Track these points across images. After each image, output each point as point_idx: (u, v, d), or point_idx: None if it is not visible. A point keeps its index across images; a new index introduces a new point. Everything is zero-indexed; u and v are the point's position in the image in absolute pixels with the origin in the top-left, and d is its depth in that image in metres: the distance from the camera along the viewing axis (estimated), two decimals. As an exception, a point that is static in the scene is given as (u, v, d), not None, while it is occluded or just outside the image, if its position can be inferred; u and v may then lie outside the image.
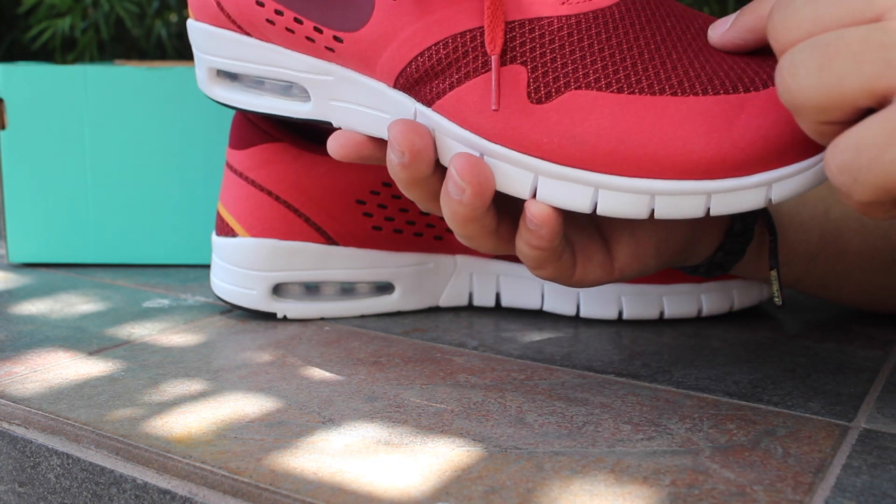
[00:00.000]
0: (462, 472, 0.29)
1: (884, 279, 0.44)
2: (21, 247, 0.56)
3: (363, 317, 0.47)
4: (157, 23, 0.95)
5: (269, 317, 0.46)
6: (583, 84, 0.32)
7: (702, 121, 0.31)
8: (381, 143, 0.38)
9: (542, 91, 0.32)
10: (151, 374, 0.38)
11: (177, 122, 0.55)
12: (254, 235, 0.45)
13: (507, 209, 0.36)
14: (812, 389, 0.37)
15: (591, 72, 0.32)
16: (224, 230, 0.46)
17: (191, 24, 0.41)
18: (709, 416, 0.34)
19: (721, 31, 0.33)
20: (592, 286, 0.37)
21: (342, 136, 0.38)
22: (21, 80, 0.54)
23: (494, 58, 0.32)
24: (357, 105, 0.37)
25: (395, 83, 0.35)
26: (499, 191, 0.34)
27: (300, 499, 0.28)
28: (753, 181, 0.31)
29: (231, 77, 0.41)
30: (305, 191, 0.45)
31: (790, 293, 0.53)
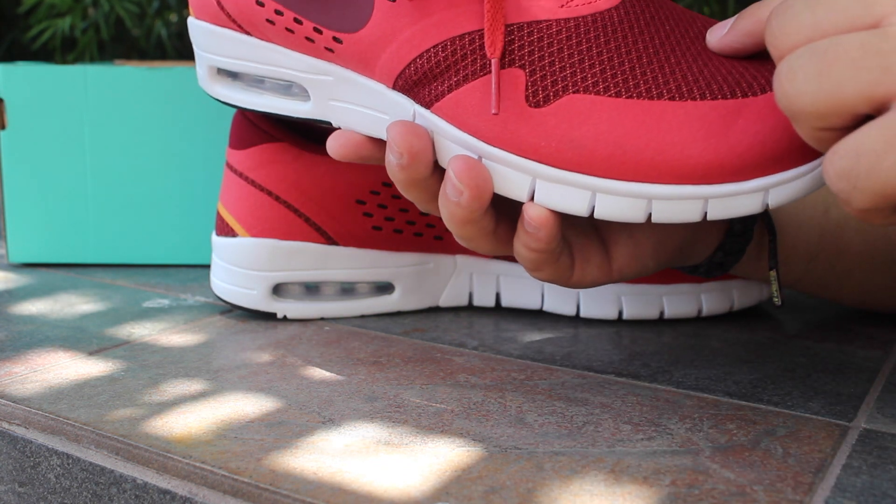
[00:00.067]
0: (462, 472, 0.29)
1: (884, 279, 0.44)
2: (21, 247, 0.56)
3: (363, 317, 0.47)
4: (158, 23, 0.95)
5: (269, 317, 0.46)
6: (581, 88, 0.32)
7: (699, 126, 0.31)
8: (381, 144, 0.38)
9: (541, 95, 0.32)
10: (151, 374, 0.38)
11: (177, 122, 0.55)
12: (254, 235, 0.45)
13: (506, 211, 0.36)
14: (812, 389, 0.37)
15: (590, 76, 0.32)
16: (224, 230, 0.46)
17: (191, 22, 0.41)
18: (709, 416, 0.34)
19: (719, 35, 0.33)
20: (591, 287, 0.37)
21: (341, 137, 0.38)
22: (21, 80, 0.54)
23: (494, 61, 0.32)
24: (356, 105, 0.37)
25: (394, 84, 0.35)
26: (497, 193, 0.34)
27: (300, 499, 0.28)
28: (750, 186, 0.31)
29: (231, 75, 0.41)
30: (305, 191, 0.45)
31: (790, 293, 0.53)
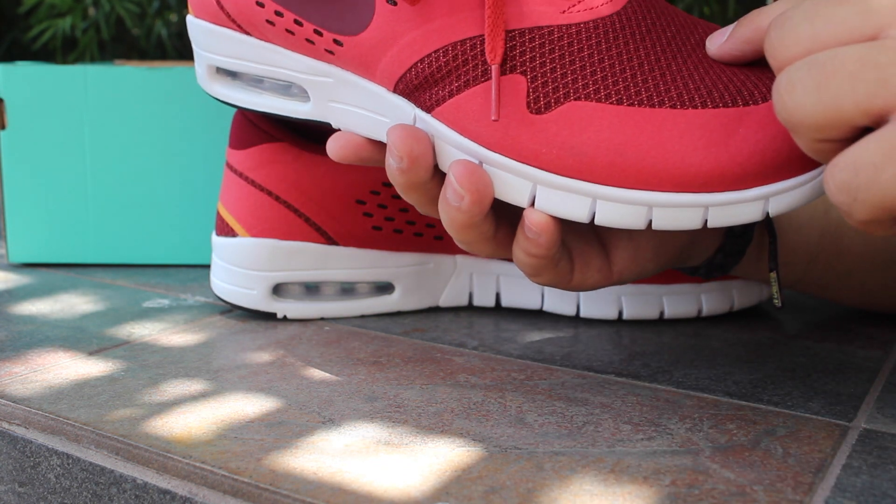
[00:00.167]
0: (462, 472, 0.29)
1: (884, 279, 0.44)
2: (21, 247, 0.56)
3: (363, 317, 0.47)
4: (158, 22, 0.95)
5: (269, 317, 0.46)
6: (582, 95, 0.32)
7: (700, 134, 0.31)
8: (381, 146, 0.38)
9: (542, 101, 0.32)
10: (151, 374, 0.38)
11: (177, 122, 0.55)
12: (254, 235, 0.45)
13: (506, 216, 0.36)
14: (812, 389, 0.37)
15: (591, 83, 0.32)
16: (224, 230, 0.46)
17: (190, 21, 0.41)
18: (709, 416, 0.34)
19: (719, 43, 0.32)
20: (591, 290, 0.37)
21: (341, 138, 0.38)
22: (21, 80, 0.54)
23: (495, 67, 0.32)
24: (356, 108, 0.37)
25: (395, 88, 0.35)
26: (497, 198, 0.34)
27: (300, 499, 0.28)
28: (751, 195, 0.31)
29: (231, 75, 0.41)
30: (305, 191, 0.45)
31: (790, 293, 0.53)
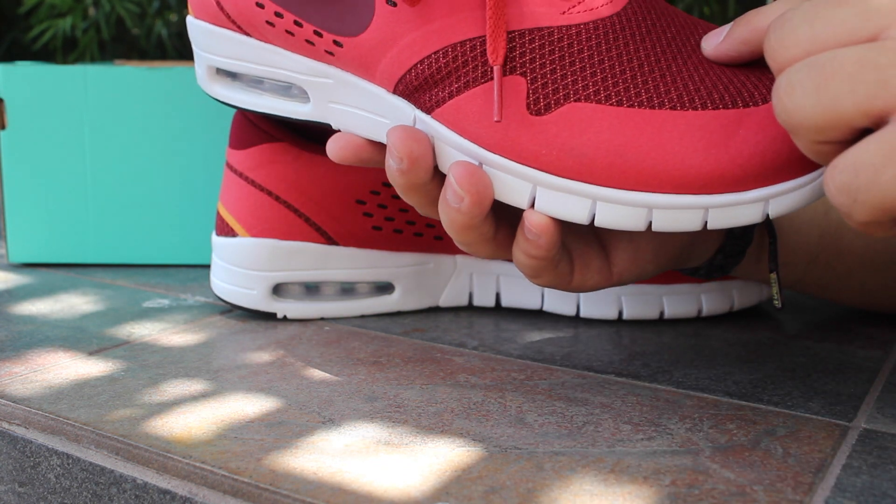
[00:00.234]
0: (462, 472, 0.29)
1: (884, 280, 0.44)
2: (21, 247, 0.56)
3: (363, 317, 0.47)
4: (158, 22, 0.95)
5: (269, 317, 0.46)
6: (582, 96, 0.32)
7: (700, 136, 0.31)
8: (381, 147, 0.38)
9: (542, 103, 0.32)
10: (151, 374, 0.38)
11: (177, 122, 0.55)
12: (254, 235, 0.45)
13: (505, 216, 0.36)
14: (812, 389, 0.37)
15: (591, 84, 0.32)
16: (224, 230, 0.46)
17: (190, 21, 0.40)
18: (709, 416, 0.34)
19: (715, 43, 0.32)
20: (591, 291, 0.37)
21: (341, 139, 0.38)
22: (21, 80, 0.54)
23: (497, 68, 0.32)
24: (356, 108, 0.37)
25: (395, 89, 0.35)
26: (497, 200, 0.34)
27: (300, 499, 0.28)
28: (751, 196, 0.31)
29: (231, 75, 0.41)
30: (305, 191, 0.45)
31: (790, 293, 0.53)
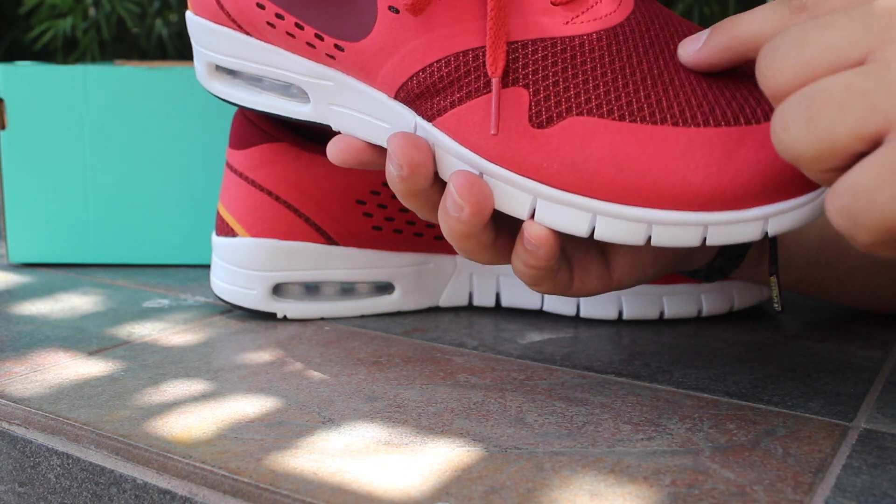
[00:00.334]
0: (462, 472, 0.29)
1: (884, 280, 0.44)
2: (21, 247, 0.56)
3: (363, 317, 0.47)
4: (158, 22, 0.95)
5: (269, 317, 0.46)
6: (584, 110, 0.32)
7: (702, 153, 0.31)
8: (381, 150, 0.37)
9: (544, 115, 0.32)
10: (151, 374, 0.38)
11: (177, 122, 0.55)
12: (254, 235, 0.45)
13: (505, 224, 0.36)
14: (812, 389, 0.37)
15: (594, 97, 0.32)
16: (224, 230, 0.46)
17: (189, 18, 0.40)
18: (709, 416, 0.34)
19: (693, 50, 0.32)
20: (591, 296, 0.37)
21: (342, 142, 0.37)
22: (21, 80, 0.54)
23: (495, 81, 0.32)
24: (357, 112, 0.37)
25: (396, 95, 0.35)
26: (497, 209, 0.34)
27: (300, 499, 0.28)
28: (750, 215, 0.31)
29: (230, 72, 0.40)
30: (305, 191, 0.45)
31: (790, 294, 0.53)
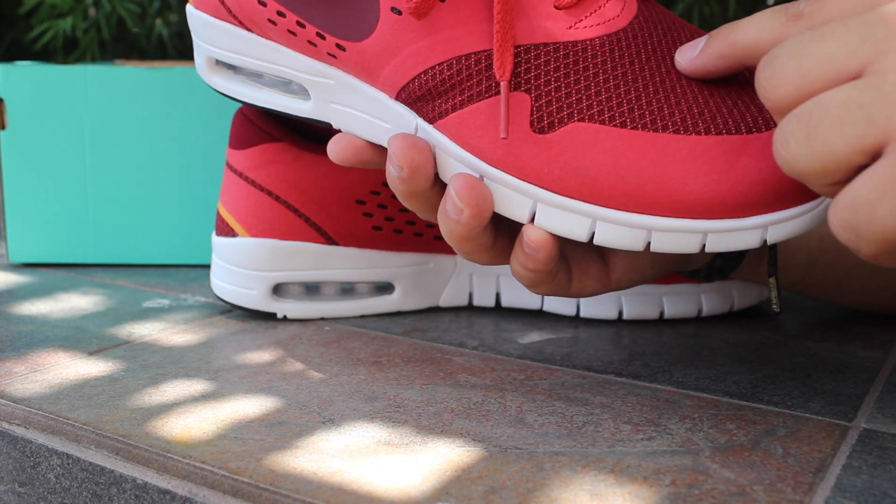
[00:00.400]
0: (462, 472, 0.29)
1: (884, 280, 0.44)
2: (21, 247, 0.56)
3: (363, 317, 0.47)
4: (158, 22, 0.95)
5: (269, 317, 0.46)
6: (586, 116, 0.32)
7: (702, 161, 0.31)
8: (382, 149, 0.37)
9: (545, 121, 0.32)
10: (151, 374, 0.38)
11: (177, 122, 0.55)
12: (254, 235, 0.45)
13: (504, 226, 0.36)
14: (812, 389, 0.37)
15: (595, 103, 0.32)
16: (224, 230, 0.46)
17: (190, 11, 0.40)
18: (709, 416, 0.34)
19: (690, 57, 0.32)
20: (590, 297, 0.37)
21: (342, 140, 0.37)
22: (21, 80, 0.54)
23: (504, 84, 0.32)
24: (358, 111, 0.37)
25: (398, 96, 0.35)
26: (497, 212, 0.34)
27: (300, 499, 0.28)
28: (750, 223, 0.31)
29: (231, 67, 0.40)
30: (305, 191, 0.45)
31: (790, 294, 0.53)
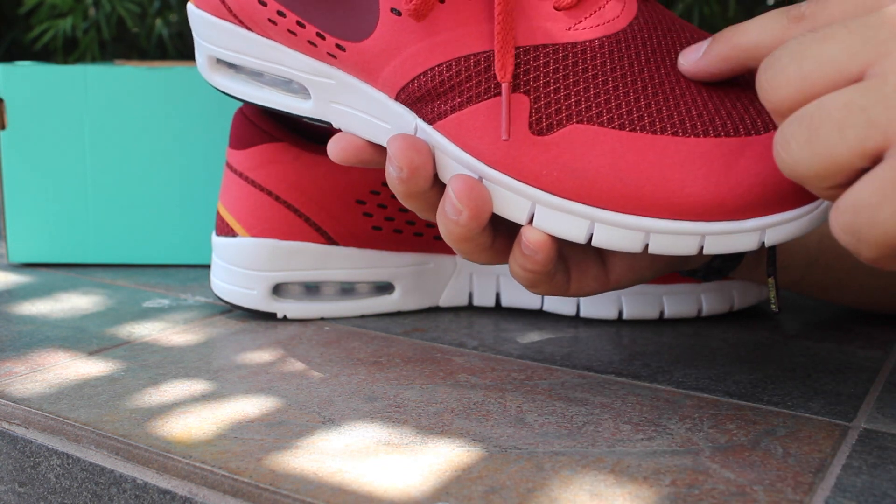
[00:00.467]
0: (462, 472, 0.29)
1: (884, 280, 0.44)
2: (21, 247, 0.56)
3: (363, 317, 0.47)
4: (158, 22, 0.95)
5: (269, 317, 0.46)
6: (585, 118, 0.32)
7: (701, 163, 0.31)
8: (381, 149, 0.38)
9: (544, 123, 0.32)
10: (151, 374, 0.38)
11: (177, 122, 0.55)
12: (254, 235, 0.45)
13: (503, 226, 0.36)
14: (812, 389, 0.37)
15: (594, 105, 0.32)
16: (224, 230, 0.46)
17: (191, 10, 0.40)
18: (709, 416, 0.34)
19: (693, 60, 0.32)
20: (588, 296, 0.37)
21: (342, 140, 0.38)
22: (21, 80, 0.54)
23: (505, 85, 0.32)
24: (357, 111, 0.37)
25: (397, 97, 0.35)
26: (496, 213, 0.34)
27: (300, 499, 0.28)
28: (748, 226, 0.31)
29: (232, 66, 0.40)
30: (305, 191, 0.45)
31: (790, 294, 0.53)
